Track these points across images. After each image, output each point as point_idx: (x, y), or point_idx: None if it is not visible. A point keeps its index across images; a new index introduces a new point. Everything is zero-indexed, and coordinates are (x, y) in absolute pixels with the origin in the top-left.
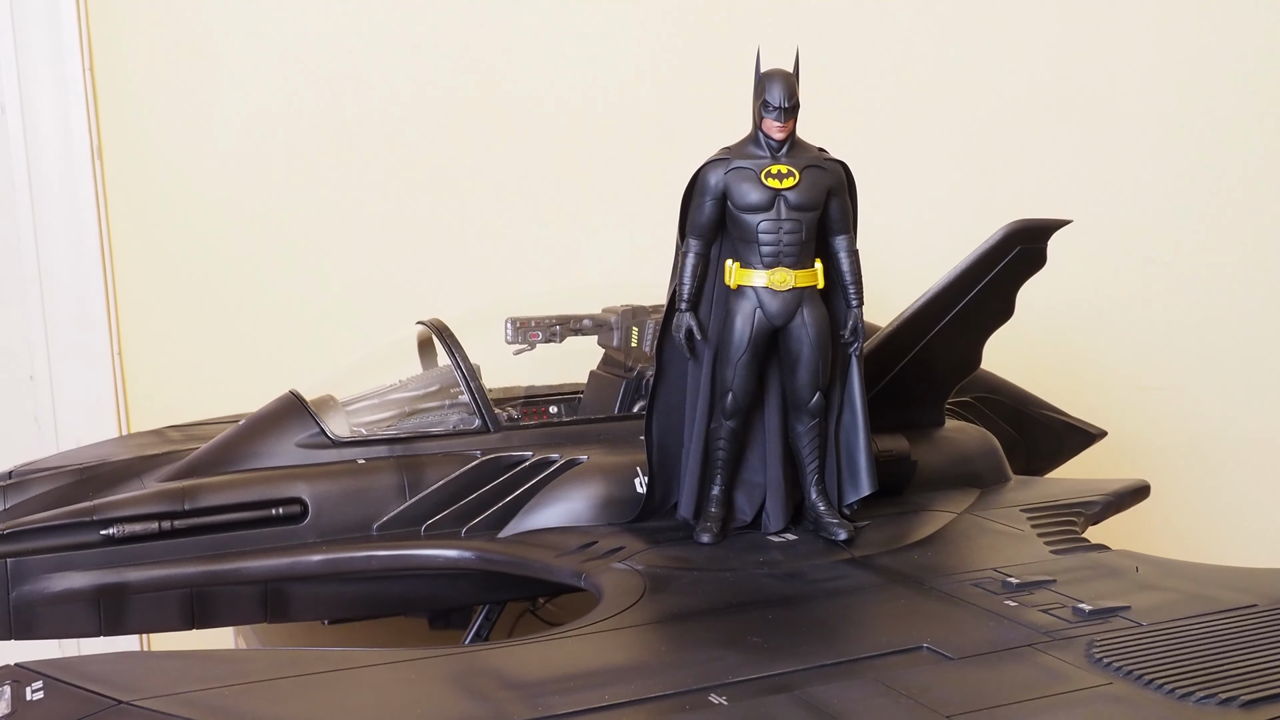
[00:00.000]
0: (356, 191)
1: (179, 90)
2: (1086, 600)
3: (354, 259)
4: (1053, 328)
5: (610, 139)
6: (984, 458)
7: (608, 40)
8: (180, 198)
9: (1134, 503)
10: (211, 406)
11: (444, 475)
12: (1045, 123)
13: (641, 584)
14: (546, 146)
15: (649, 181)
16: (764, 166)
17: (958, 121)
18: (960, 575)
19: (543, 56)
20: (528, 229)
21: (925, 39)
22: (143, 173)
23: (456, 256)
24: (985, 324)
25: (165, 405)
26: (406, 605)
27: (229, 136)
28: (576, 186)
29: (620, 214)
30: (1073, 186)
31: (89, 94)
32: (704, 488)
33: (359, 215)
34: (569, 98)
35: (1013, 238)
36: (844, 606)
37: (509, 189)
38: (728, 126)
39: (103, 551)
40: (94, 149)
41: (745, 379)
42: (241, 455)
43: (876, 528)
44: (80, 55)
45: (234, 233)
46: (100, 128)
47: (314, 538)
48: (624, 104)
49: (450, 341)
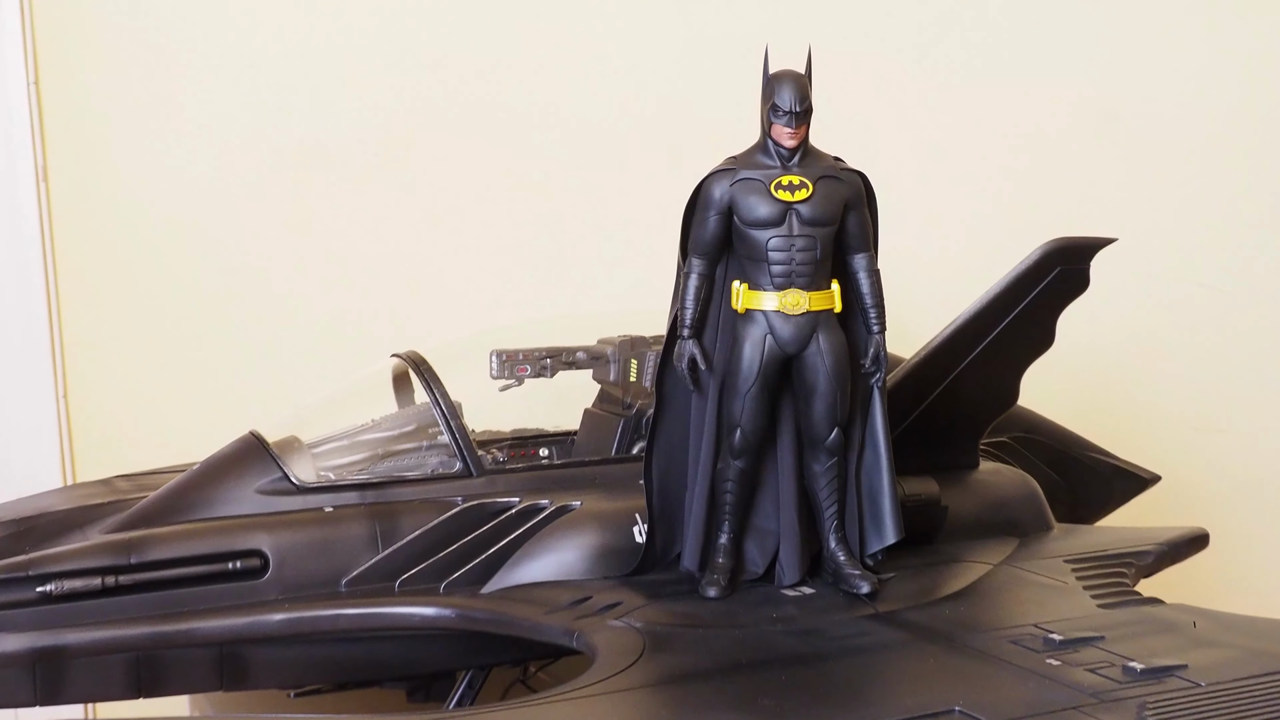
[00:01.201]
0: (324, 215)
1: (132, 106)
2: (1138, 659)
3: (322, 287)
4: (1099, 360)
5: (606, 152)
6: (1023, 503)
7: (599, 51)
8: (132, 223)
9: (1191, 553)
10: (165, 454)
11: (421, 524)
12: (1089, 133)
13: (640, 643)
14: (535, 158)
15: (648, 198)
16: (774, 177)
17: (992, 131)
18: (997, 632)
19: (528, 69)
20: (515, 251)
21: (961, 41)
22: (92, 196)
23: (436, 282)
24: (1023, 354)
25: (114, 452)
26: (380, 670)
27: (186, 158)
28: (568, 205)
29: (617, 235)
30: (1119, 204)
31: (33, 110)
32: (710, 536)
33: (327, 240)
34: (559, 109)
35: (1052, 257)
36: (867, 667)
37: (494, 207)
38: (734, 138)
39: (39, 610)
40: (38, 170)
41: (755, 413)
42: (195, 503)
43: (903, 580)
44: (24, 67)
45: (191, 262)
46: (46, 147)
47: (276, 595)
48: (620, 115)
49: (429, 376)
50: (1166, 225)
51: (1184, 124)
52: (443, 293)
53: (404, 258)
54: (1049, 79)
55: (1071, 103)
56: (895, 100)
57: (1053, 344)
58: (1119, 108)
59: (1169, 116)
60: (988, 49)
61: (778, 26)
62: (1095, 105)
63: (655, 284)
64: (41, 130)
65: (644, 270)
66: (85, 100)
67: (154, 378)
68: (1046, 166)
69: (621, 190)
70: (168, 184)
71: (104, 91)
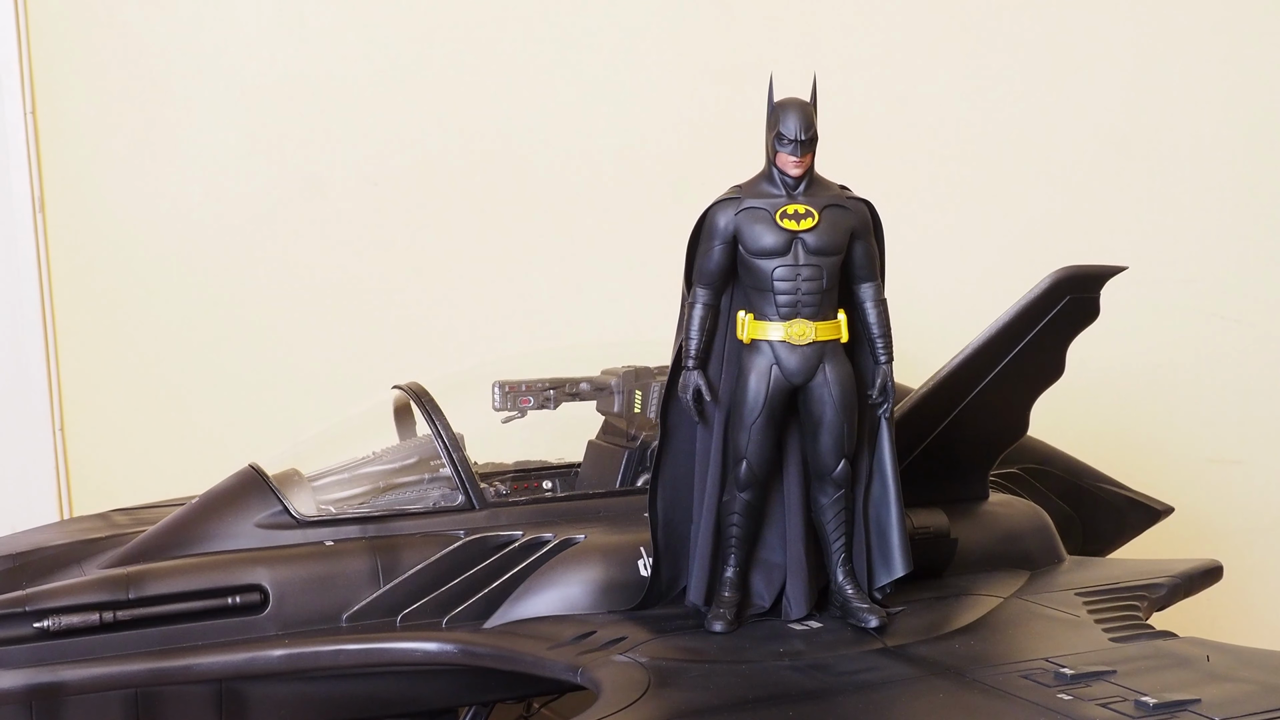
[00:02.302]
0: (322, 247)
1: (128, 138)
2: (1151, 693)
3: (322, 318)
4: (1111, 390)
5: (609, 182)
6: (1034, 535)
7: (602, 83)
8: (128, 255)
9: (1205, 585)
10: (162, 487)
11: (423, 558)
12: (1100, 161)
13: (645, 678)
14: (537, 188)
15: (652, 229)
16: (779, 206)
17: (1001, 157)
18: (1008, 666)
19: (530, 103)
20: (517, 282)
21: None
22: (89, 227)
23: (437, 313)
24: (1033, 384)
25: (111, 486)
26: (381, 707)
27: (182, 189)
28: (571, 234)
29: (621, 265)
30: (1130, 234)
31: (30, 141)
32: (716, 569)
33: (327, 271)
34: (561, 141)
35: (1062, 286)
36: (875, 702)
37: (496, 238)
38: (738, 168)
39: (36, 647)
40: (34, 201)
41: (761, 445)
42: (194, 537)
43: (912, 614)
44: (20, 96)
45: (189, 294)
46: (43, 177)
47: (275, 630)
48: (623, 146)
49: (430, 408)
50: (1180, 255)
51: (1200, 153)
52: (444, 324)
53: (405, 289)
54: (1063, 107)
55: (1086, 132)
56: (904, 128)
57: (1063, 373)
58: (1134, 136)
59: (1186, 146)
60: (1002, 77)
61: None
62: (1110, 134)
63: (660, 314)
64: (38, 160)
65: (648, 301)
66: (81, 131)
67: (152, 410)
68: (1059, 195)
69: (625, 221)
70: (164, 216)
71: (100, 122)
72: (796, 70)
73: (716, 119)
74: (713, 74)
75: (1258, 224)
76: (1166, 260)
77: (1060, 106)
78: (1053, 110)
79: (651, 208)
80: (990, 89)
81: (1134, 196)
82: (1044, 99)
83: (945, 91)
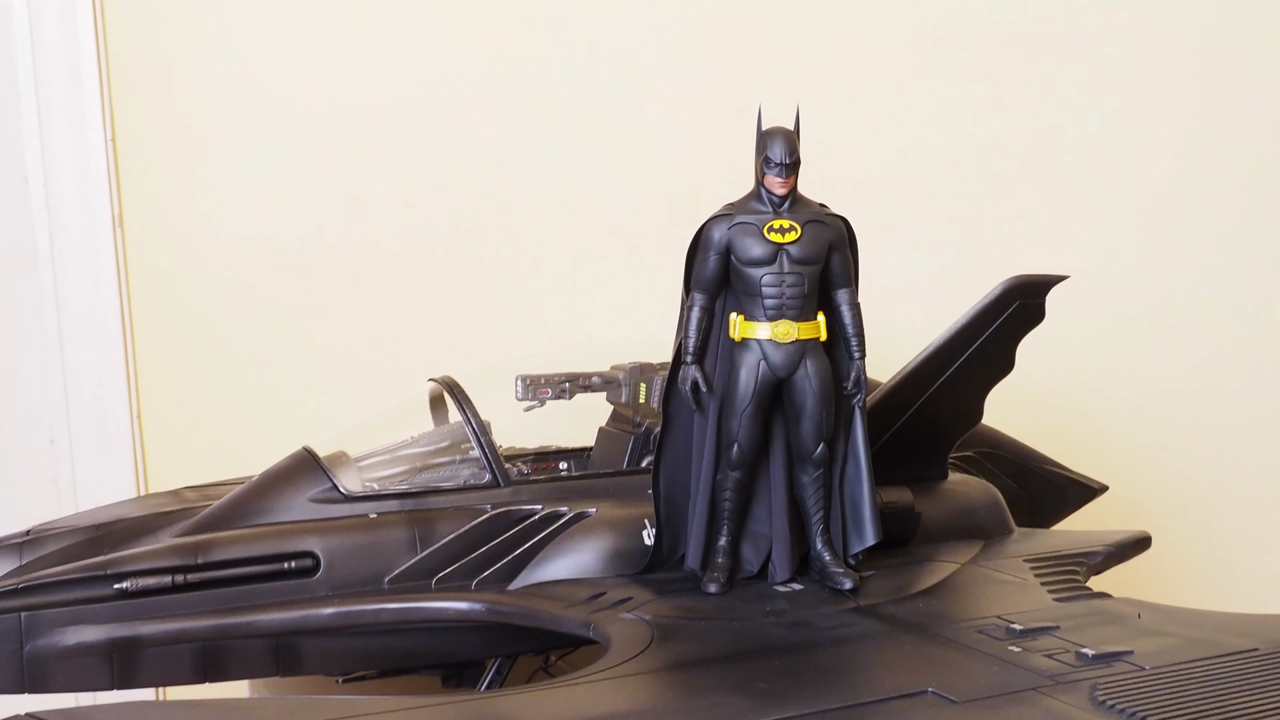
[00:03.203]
0: (365, 257)
1: (198, 161)
2: (1090, 645)
3: (365, 320)
4: (1055, 384)
5: (617, 204)
6: (987, 510)
7: (613, 117)
8: (198, 265)
9: (1135, 553)
10: (227, 467)
11: (455, 529)
12: (1048, 183)
13: (649, 633)
14: (557, 213)
15: (654, 244)
16: (766, 221)
17: (961, 182)
18: (965, 623)
19: (552, 136)
20: (538, 290)
21: (930, 95)
22: (162, 241)
23: (467, 316)
24: (986, 378)
25: (182, 467)
26: (418, 659)
27: (246, 204)
28: (585, 249)
29: (626, 274)
30: (1074, 249)
31: (110, 165)
32: (711, 539)
33: (369, 279)
34: (575, 168)
35: (1012, 293)
36: (849, 654)
37: (520, 253)
38: (733, 189)
39: (116, 605)
40: (115, 218)
41: (750, 430)
42: (254, 510)
43: (881, 577)
44: (102, 127)
45: (250, 298)
46: (121, 197)
47: (325, 591)
48: (634, 171)
49: (461, 398)
50: (1117, 266)
51: (1138, 177)
52: (473, 325)
53: (438, 295)
54: (1014, 136)
55: (1035, 157)
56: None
57: (1013, 369)
58: (1077, 163)
59: (1125, 171)
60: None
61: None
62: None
63: (661, 317)
64: (118, 181)
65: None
66: (154, 157)
67: (216, 400)
68: (1010, 213)
69: (631, 236)
70: (226, 230)
71: (170, 150)
72: (782, 103)
73: (711, 148)
74: (709, 109)
75: (1187, 240)
76: (1105, 271)
77: (1012, 135)
78: (1005, 138)
79: (653, 223)
80: (951, 120)
81: (1076, 215)
82: (998, 129)
83: (911, 123)
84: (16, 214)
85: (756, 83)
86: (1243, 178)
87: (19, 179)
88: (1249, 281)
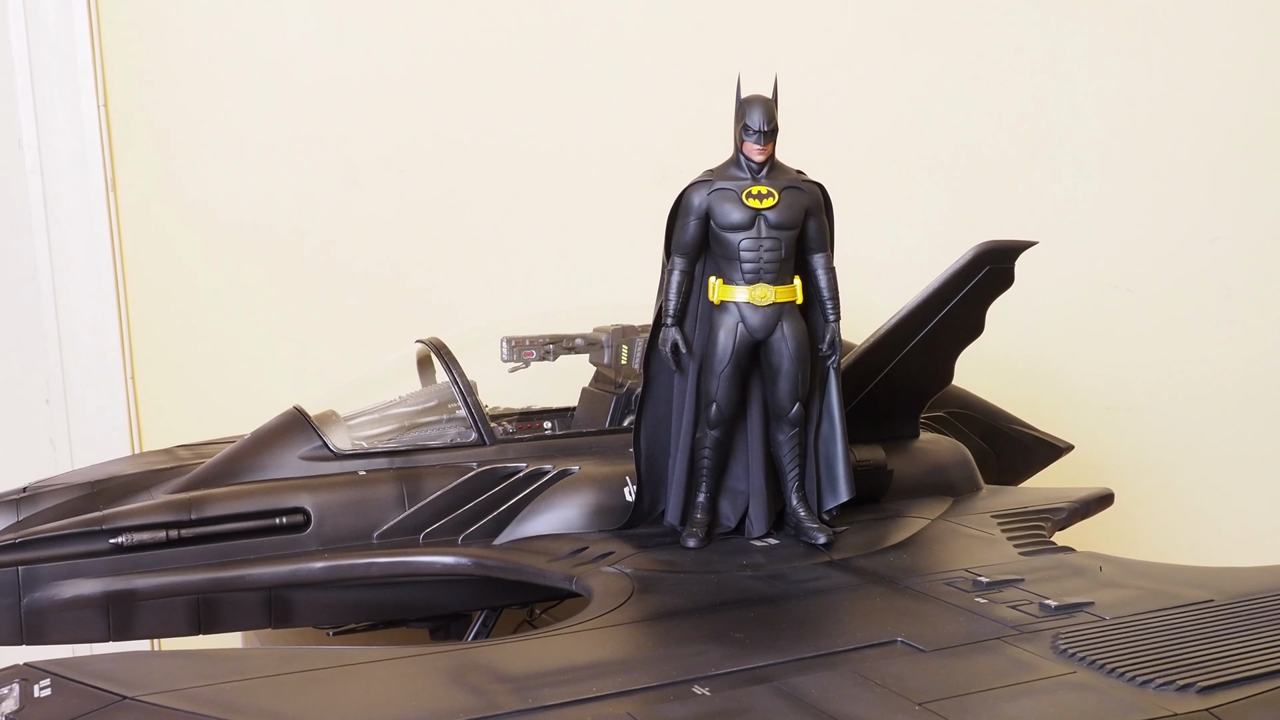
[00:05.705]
0: (357, 223)
1: (191, 125)
2: (1053, 597)
3: (355, 283)
4: (1023, 347)
5: (600, 171)
6: (957, 468)
7: (598, 89)
8: (190, 228)
9: (1098, 510)
10: (219, 426)
11: (442, 486)
12: (1018, 153)
13: (630, 586)
14: (540, 177)
15: (636, 210)
16: (745, 187)
17: (934, 149)
18: (933, 575)
19: (540, 105)
20: (523, 253)
21: (906, 69)
22: (155, 204)
23: (454, 279)
24: (957, 341)
25: (176, 426)
26: (406, 611)
27: (237, 167)
28: (567, 214)
29: (609, 239)
30: (1045, 217)
31: (103, 129)
32: (690, 495)
33: (360, 243)
34: (560, 137)
35: (982, 258)
36: (822, 605)
37: (503, 218)
38: (713, 157)
39: (112, 559)
40: (108, 182)
41: (728, 390)
42: (247, 468)
43: (854, 532)
44: (95, 91)
45: (241, 260)
46: (114, 161)
47: (316, 546)
48: (612, 140)
49: (448, 359)
50: (1083, 234)
51: (1104, 148)
52: (460, 288)
53: (427, 259)
54: (984, 106)
55: (1005, 128)
56: (852, 123)
57: (983, 332)
58: (1046, 135)
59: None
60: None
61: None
62: (1026, 130)
63: (642, 281)
64: (110, 147)
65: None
66: (148, 121)
67: (209, 360)
68: (982, 181)
69: (613, 202)
70: (220, 196)
71: (163, 117)
72: (760, 72)
73: (692, 117)
74: (691, 79)
75: (1150, 209)
76: (1071, 238)
77: (982, 106)
78: (975, 109)
79: (636, 192)
80: (925, 91)
81: (1044, 184)
82: (972, 100)
83: (886, 93)
84: (11, 178)
85: (738, 53)
86: (1208, 147)
87: (13, 143)
88: (1211, 249)
